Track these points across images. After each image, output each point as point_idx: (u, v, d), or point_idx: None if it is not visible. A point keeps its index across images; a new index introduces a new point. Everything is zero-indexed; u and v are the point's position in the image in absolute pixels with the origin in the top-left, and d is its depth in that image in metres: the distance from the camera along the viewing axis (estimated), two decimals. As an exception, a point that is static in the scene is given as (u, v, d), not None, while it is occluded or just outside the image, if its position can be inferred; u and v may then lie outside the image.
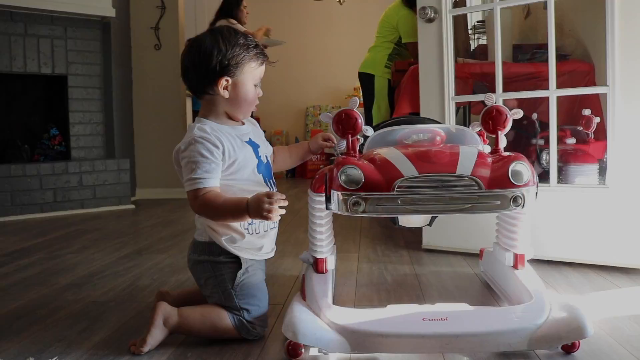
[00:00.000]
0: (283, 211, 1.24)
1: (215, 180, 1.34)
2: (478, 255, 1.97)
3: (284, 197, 1.24)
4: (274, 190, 1.48)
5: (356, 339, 1.20)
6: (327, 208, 1.34)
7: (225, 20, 4.15)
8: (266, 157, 1.50)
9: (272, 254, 1.51)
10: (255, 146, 1.46)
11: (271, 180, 1.49)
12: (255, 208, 1.24)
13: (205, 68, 1.38)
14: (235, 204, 1.29)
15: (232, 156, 1.38)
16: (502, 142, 1.46)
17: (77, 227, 3.23)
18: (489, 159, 1.33)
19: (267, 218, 1.23)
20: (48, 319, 1.59)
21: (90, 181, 3.92)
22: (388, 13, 3.90)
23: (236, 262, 1.41)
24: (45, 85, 4.11)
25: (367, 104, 4.03)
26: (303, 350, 1.26)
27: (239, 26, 4.14)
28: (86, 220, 3.50)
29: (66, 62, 3.93)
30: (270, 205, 1.22)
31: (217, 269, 1.40)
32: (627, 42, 1.89)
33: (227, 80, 1.39)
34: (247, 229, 1.41)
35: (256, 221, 1.41)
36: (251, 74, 1.42)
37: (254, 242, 1.43)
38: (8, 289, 1.93)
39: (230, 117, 1.45)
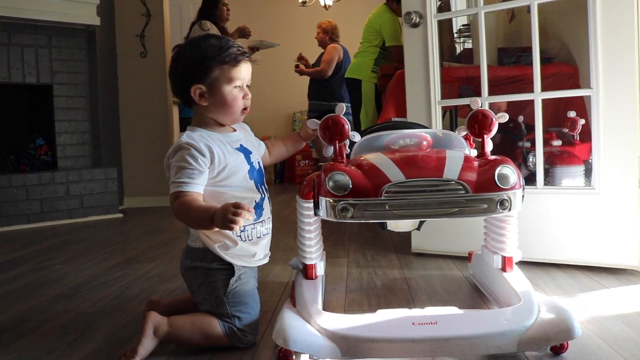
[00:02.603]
0: (243, 222, 1.20)
1: (197, 186, 1.34)
2: (467, 259, 1.99)
3: (251, 210, 1.22)
4: (266, 196, 1.49)
5: (347, 345, 1.21)
6: (315, 214, 1.34)
7: (197, 26, 4.11)
8: (258, 162, 1.50)
9: (266, 260, 1.51)
10: (247, 152, 1.47)
11: (263, 186, 1.49)
12: (220, 217, 1.21)
13: (180, 79, 1.42)
14: (204, 211, 1.26)
15: (223, 162, 1.38)
16: (489, 146, 1.47)
17: (65, 238, 3.21)
18: (476, 163, 1.33)
19: (229, 228, 1.20)
20: (37, 331, 1.58)
21: (78, 191, 3.89)
22: (371, 18, 3.95)
23: (229, 269, 1.41)
24: (30, 95, 4.08)
25: (355, 109, 4.06)
26: (294, 356, 1.26)
27: (207, 25, 4.08)
28: (74, 230, 3.47)
29: (51, 71, 3.91)
30: (234, 216, 1.18)
31: (209, 275, 1.40)
32: (610, 44, 1.91)
33: (199, 88, 1.40)
34: (240, 236, 1.41)
35: (248, 228, 1.42)
36: (224, 77, 1.40)
37: (247, 249, 1.43)
38: (-5, 301, 1.91)
39: (219, 124, 1.45)
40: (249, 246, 1.43)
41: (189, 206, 1.29)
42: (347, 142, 1.47)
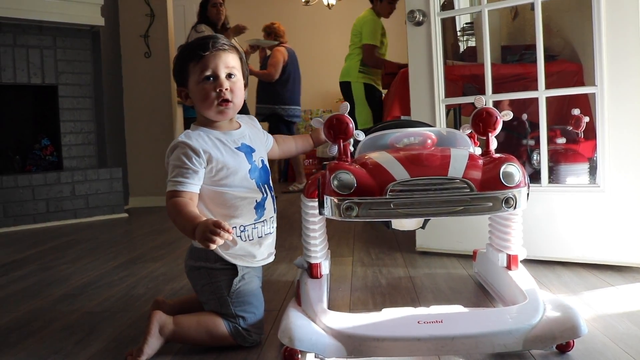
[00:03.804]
0: (222, 242, 1.20)
1: (192, 186, 1.35)
2: (472, 257, 1.98)
3: (231, 231, 1.21)
4: (269, 196, 1.49)
5: (352, 344, 1.21)
6: (320, 213, 1.34)
7: (193, 30, 4.20)
8: (261, 161, 1.49)
9: (271, 259, 1.51)
10: (249, 150, 1.46)
11: (266, 185, 1.48)
12: (200, 232, 1.21)
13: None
14: (190, 220, 1.27)
15: (221, 162, 1.38)
16: (493, 144, 1.47)
17: (71, 237, 3.22)
18: (480, 161, 1.33)
19: (205, 245, 1.21)
20: (43, 331, 1.59)
21: (83, 191, 3.90)
22: (356, 22, 4.17)
23: (232, 269, 1.41)
24: (35, 96, 4.09)
25: (350, 110, 4.13)
26: (300, 355, 1.26)
27: (202, 28, 4.16)
28: (79, 230, 3.48)
29: (56, 71, 3.92)
30: (212, 235, 1.19)
31: (213, 275, 1.40)
32: (614, 42, 1.90)
33: (182, 90, 1.45)
34: (240, 236, 1.41)
35: (248, 228, 1.42)
36: (193, 73, 1.41)
37: (248, 249, 1.43)
38: (2, 301, 1.92)
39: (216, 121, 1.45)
40: (249, 246, 1.43)
41: (179, 210, 1.30)
42: (352, 141, 1.47)
